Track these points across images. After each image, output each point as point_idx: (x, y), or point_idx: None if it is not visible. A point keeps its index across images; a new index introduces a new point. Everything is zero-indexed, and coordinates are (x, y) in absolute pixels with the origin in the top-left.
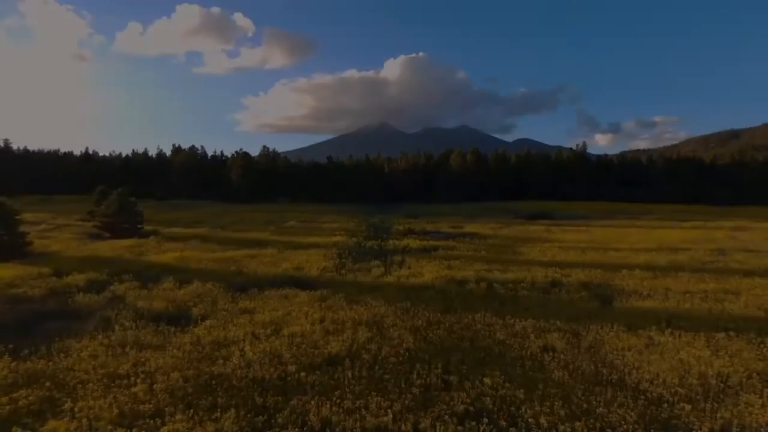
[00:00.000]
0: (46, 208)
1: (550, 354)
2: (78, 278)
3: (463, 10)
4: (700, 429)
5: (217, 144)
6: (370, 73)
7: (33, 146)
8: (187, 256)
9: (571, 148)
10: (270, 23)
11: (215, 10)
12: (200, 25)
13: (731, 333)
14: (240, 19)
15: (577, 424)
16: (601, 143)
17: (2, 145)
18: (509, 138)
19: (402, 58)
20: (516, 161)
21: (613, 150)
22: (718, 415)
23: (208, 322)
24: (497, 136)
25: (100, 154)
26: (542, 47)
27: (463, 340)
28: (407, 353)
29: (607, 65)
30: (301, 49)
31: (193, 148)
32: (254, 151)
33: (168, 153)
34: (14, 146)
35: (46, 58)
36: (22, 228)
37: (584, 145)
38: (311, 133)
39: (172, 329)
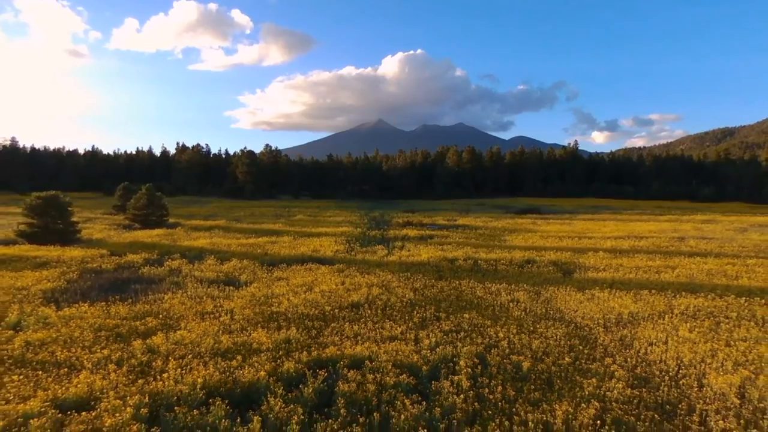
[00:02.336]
0: None
1: (515, 303)
2: (135, 257)
3: (462, 8)
4: (604, 338)
5: (213, 141)
6: (368, 70)
7: (29, 143)
8: (216, 242)
9: (563, 147)
10: (268, 20)
11: (212, 6)
12: (197, 21)
13: (653, 291)
14: (237, 15)
15: (522, 336)
16: (598, 141)
17: (9, 143)
18: (506, 136)
19: (400, 55)
20: (510, 159)
21: (610, 147)
22: (619, 333)
23: (254, 285)
24: (494, 133)
25: (104, 151)
26: (541, 45)
27: (451, 296)
28: (409, 302)
29: (605, 63)
30: (299, 46)
31: (198, 146)
32: (251, 149)
33: (171, 151)
34: (21, 144)
35: (42, 54)
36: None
37: (576, 143)
38: (308, 130)
39: (231, 288)
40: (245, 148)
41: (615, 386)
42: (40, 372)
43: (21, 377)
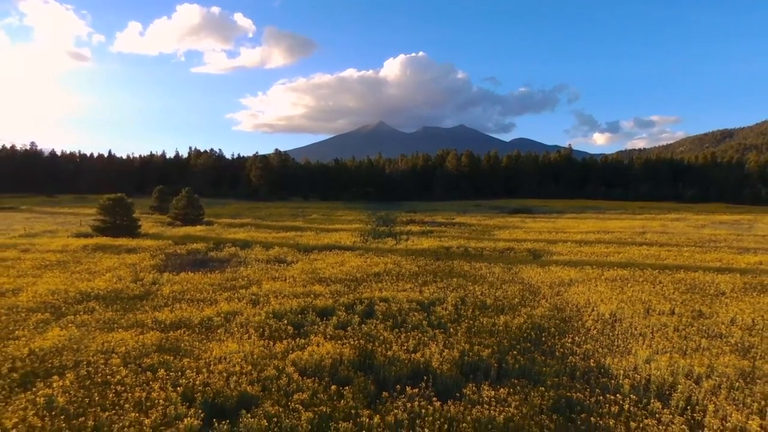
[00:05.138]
0: (90, 204)
1: (491, 274)
2: (197, 246)
3: (464, 11)
4: (545, 291)
5: (215, 143)
6: (370, 73)
7: (48, 147)
8: (253, 235)
9: (558, 150)
10: (270, 23)
11: (215, 9)
12: (200, 24)
13: (595, 267)
14: (240, 19)
15: (491, 290)
16: (600, 142)
17: (29, 147)
18: (507, 137)
19: (401, 57)
20: (507, 162)
21: (612, 149)
22: (557, 289)
23: (300, 263)
24: (495, 135)
25: (117, 154)
26: (542, 47)
27: (445, 269)
28: (414, 272)
29: (606, 65)
30: (301, 49)
31: (211, 151)
32: (251, 151)
33: (183, 154)
34: (40, 149)
35: (45, 57)
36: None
37: (570, 147)
38: (309, 132)
39: (283, 264)
40: (257, 152)
41: (539, 311)
42: (194, 303)
43: (184, 305)
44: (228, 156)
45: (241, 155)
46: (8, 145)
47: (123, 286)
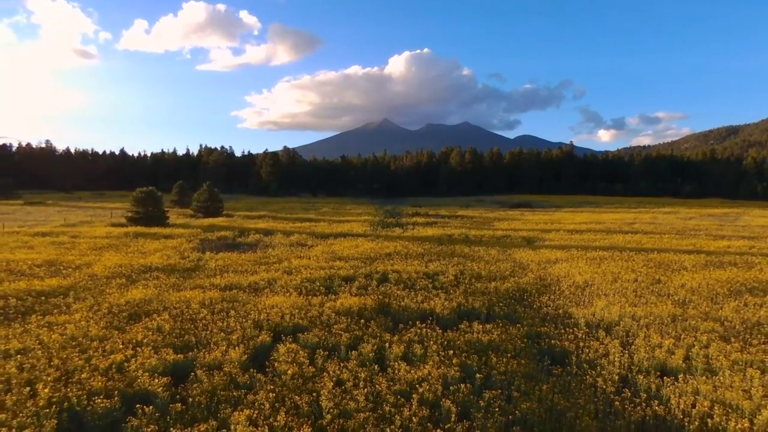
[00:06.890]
0: (109, 200)
1: (488, 255)
2: (225, 233)
3: (469, 6)
4: (533, 267)
5: (220, 140)
6: (374, 70)
7: (63, 146)
8: (272, 225)
9: (560, 147)
10: (275, 20)
11: (221, 7)
12: (206, 21)
13: (580, 249)
14: (245, 16)
15: (487, 266)
16: (605, 139)
17: (45, 145)
18: (512, 134)
19: (406, 54)
20: (509, 159)
21: (617, 146)
22: (544, 265)
23: (319, 246)
24: (499, 132)
25: (129, 152)
26: (548, 43)
27: (447, 252)
28: (420, 254)
29: (612, 61)
30: (306, 46)
31: (222, 148)
32: (256, 149)
33: (194, 152)
34: (56, 146)
35: (51, 54)
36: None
37: (571, 144)
38: (314, 129)
39: (305, 247)
40: (266, 149)
41: (525, 279)
42: (238, 273)
43: (231, 274)
44: (238, 154)
45: (251, 152)
46: (24, 143)
47: (174, 262)
